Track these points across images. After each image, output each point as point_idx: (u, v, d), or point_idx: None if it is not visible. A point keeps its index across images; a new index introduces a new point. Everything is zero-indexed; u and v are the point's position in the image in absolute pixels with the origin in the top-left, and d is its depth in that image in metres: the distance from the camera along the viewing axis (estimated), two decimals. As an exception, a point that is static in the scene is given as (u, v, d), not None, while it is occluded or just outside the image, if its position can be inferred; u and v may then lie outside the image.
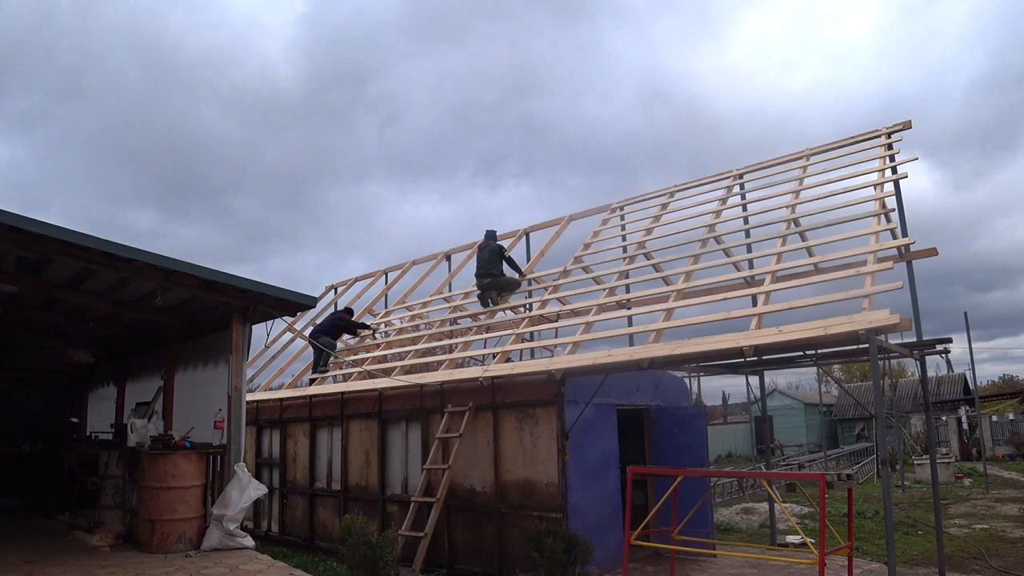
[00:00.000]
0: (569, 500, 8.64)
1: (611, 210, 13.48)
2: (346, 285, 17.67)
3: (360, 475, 11.43)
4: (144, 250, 7.82)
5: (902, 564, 9.59)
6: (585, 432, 9.04)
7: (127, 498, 9.34)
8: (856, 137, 11.16)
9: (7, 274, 8.52)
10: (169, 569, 7.24)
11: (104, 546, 8.31)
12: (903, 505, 15.65)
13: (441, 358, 11.44)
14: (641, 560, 9.66)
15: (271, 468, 13.25)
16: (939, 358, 9.44)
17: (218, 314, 9.63)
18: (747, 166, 12.27)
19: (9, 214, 6.78)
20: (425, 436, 10.45)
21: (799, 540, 10.40)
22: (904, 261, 8.71)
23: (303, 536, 12.18)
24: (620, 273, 11.14)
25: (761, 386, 12.70)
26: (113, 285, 9.20)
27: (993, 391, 44.46)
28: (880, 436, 9.05)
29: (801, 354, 9.20)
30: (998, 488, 19.36)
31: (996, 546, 11.20)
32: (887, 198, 9.16)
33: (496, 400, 9.69)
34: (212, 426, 9.22)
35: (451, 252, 15.39)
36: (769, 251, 9.48)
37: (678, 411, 10.72)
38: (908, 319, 6.98)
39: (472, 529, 9.69)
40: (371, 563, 7.57)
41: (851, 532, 7.49)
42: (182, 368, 10.62)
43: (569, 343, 9.87)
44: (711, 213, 11.37)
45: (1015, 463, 27.49)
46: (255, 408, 13.24)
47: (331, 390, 12.27)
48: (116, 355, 13.24)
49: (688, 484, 8.90)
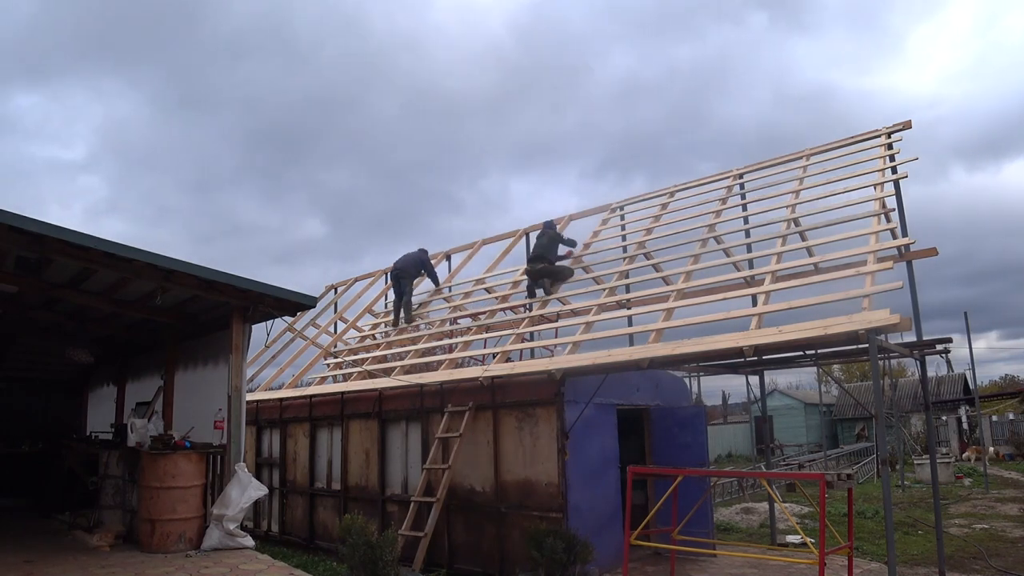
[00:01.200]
0: (569, 500, 8.65)
1: (611, 210, 13.48)
2: (346, 285, 17.66)
3: (360, 475, 11.43)
4: (144, 250, 7.82)
5: (902, 564, 9.59)
6: (585, 432, 9.03)
7: (127, 498, 9.34)
8: (856, 137, 11.16)
9: (7, 274, 8.51)
10: (169, 569, 7.24)
11: (104, 546, 8.30)
12: (903, 505, 15.66)
13: (441, 358, 11.44)
14: (641, 560, 9.66)
15: (271, 468, 13.25)
16: (939, 358, 9.44)
17: (218, 314, 9.63)
18: (747, 166, 12.27)
19: (9, 214, 6.77)
20: (425, 436, 10.45)
21: (799, 540, 10.40)
22: (904, 261, 8.71)
23: (303, 536, 12.18)
24: (620, 273, 11.14)
25: (761, 386, 12.71)
26: (113, 285, 9.19)
27: (993, 391, 44.48)
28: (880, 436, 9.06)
29: (801, 354, 9.21)
30: (998, 488, 19.37)
31: (996, 546, 11.20)
32: (887, 198, 9.17)
33: (496, 400, 9.69)
34: (212, 426, 9.21)
35: (451, 252, 15.43)
36: (769, 251, 9.48)
37: (678, 411, 10.72)
38: (908, 319, 6.98)
39: (472, 529, 9.69)
40: (371, 563, 7.58)
41: (851, 532, 7.50)
42: (182, 368, 10.62)
43: (569, 343, 9.87)
44: (711, 213, 11.37)
45: (1015, 463, 27.49)
46: (255, 408, 13.24)
47: (331, 390, 12.27)
48: (116, 355, 13.24)
49: (688, 484, 8.90)
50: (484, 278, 13.88)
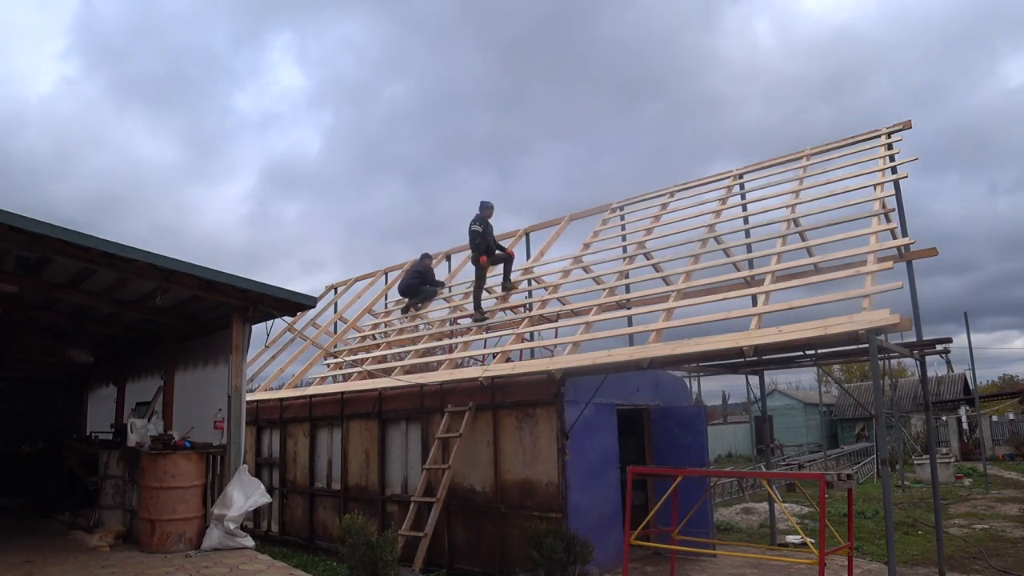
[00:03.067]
0: (569, 500, 8.64)
1: (611, 210, 13.48)
2: (346, 285, 17.66)
3: (360, 475, 11.43)
4: (144, 250, 7.82)
5: (902, 564, 9.59)
6: (585, 432, 9.03)
7: (127, 498, 9.34)
8: (856, 137, 11.16)
9: (7, 274, 8.52)
10: (169, 569, 7.24)
11: (104, 546, 8.31)
12: (903, 505, 15.66)
13: (441, 358, 11.44)
14: (641, 560, 9.66)
15: (271, 468, 13.24)
16: (939, 358, 9.45)
17: (218, 314, 9.63)
18: (747, 166, 12.27)
19: (9, 214, 6.77)
20: (425, 436, 10.45)
21: (799, 540, 10.39)
22: (904, 261, 8.71)
23: (303, 536, 12.18)
24: (620, 273, 11.14)
25: (761, 386, 12.71)
26: (113, 285, 9.19)
27: (993, 391, 44.49)
28: (880, 436, 9.07)
29: (801, 354, 9.20)
30: (998, 488, 19.37)
31: (996, 546, 11.20)
32: (887, 198, 9.17)
33: (496, 400, 9.69)
34: (212, 426, 9.22)
35: (451, 252, 15.42)
36: (769, 251, 9.48)
37: (678, 411, 10.72)
38: (908, 319, 6.99)
39: (472, 529, 9.69)
40: (371, 563, 7.58)
41: (851, 532, 7.49)
42: (182, 368, 10.62)
43: (569, 343, 9.87)
44: (711, 213, 11.36)
45: (1015, 463, 27.50)
46: (255, 408, 13.23)
47: (331, 390, 12.27)
48: (116, 355, 13.24)
49: (688, 484, 8.89)
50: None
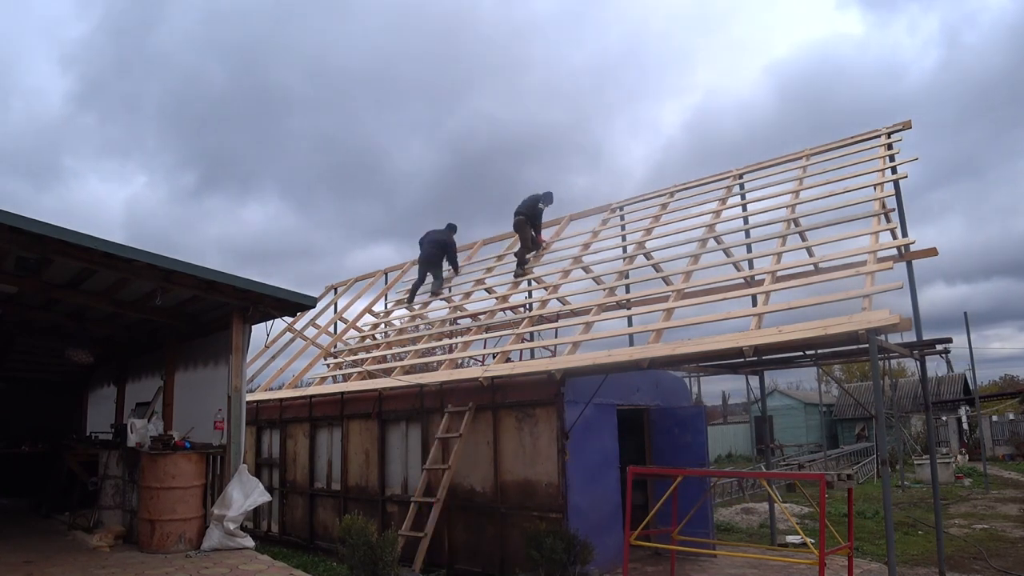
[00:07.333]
0: (569, 500, 8.64)
1: (611, 210, 13.49)
2: (346, 285, 17.66)
3: (360, 475, 11.43)
4: (144, 250, 7.81)
5: (902, 564, 9.59)
6: (585, 432, 9.03)
7: (127, 498, 9.34)
8: (856, 137, 11.17)
9: (7, 274, 8.51)
10: (169, 569, 7.23)
11: (104, 546, 8.30)
12: (903, 505, 15.66)
13: (441, 358, 11.44)
14: (641, 560, 9.66)
15: (271, 468, 13.24)
16: (939, 358, 9.45)
17: (218, 314, 9.63)
18: (747, 166, 12.27)
19: (9, 214, 6.77)
20: (425, 436, 10.45)
21: (799, 540, 10.39)
22: (904, 261, 8.71)
23: (303, 536, 12.18)
24: (620, 273, 11.14)
25: (761, 386, 12.71)
26: (113, 285, 9.19)
27: (993, 391, 44.49)
28: (880, 436, 9.07)
29: (801, 354, 9.21)
30: (998, 488, 19.37)
31: (996, 546, 11.20)
32: (887, 198, 9.17)
33: (496, 400, 9.69)
34: (212, 426, 9.21)
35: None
36: (769, 251, 9.48)
37: (678, 411, 10.72)
38: (908, 319, 6.98)
39: (472, 529, 9.68)
40: (371, 563, 7.58)
41: (851, 532, 7.50)
42: (182, 368, 10.62)
43: (569, 343, 9.87)
44: (711, 213, 11.37)
45: (1015, 463, 27.50)
46: (255, 408, 13.23)
47: (331, 390, 12.27)
48: (116, 355, 13.23)
49: (688, 484, 8.90)
50: (484, 278, 13.89)
